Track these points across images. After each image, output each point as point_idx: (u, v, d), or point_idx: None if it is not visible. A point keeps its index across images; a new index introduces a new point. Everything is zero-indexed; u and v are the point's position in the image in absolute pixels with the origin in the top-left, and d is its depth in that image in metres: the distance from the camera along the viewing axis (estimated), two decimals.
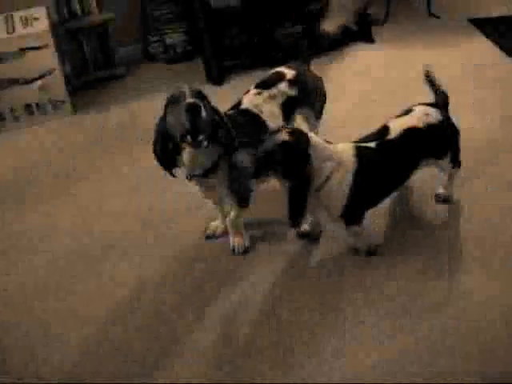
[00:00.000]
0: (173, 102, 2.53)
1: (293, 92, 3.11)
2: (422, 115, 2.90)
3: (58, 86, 4.48)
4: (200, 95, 2.55)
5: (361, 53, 5.23)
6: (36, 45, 4.30)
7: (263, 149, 2.56)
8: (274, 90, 3.06)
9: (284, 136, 2.53)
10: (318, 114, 3.41)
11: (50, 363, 2.55)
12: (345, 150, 2.71)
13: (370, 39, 5.39)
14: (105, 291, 2.90)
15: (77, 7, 4.72)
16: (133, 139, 4.16)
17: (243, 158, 2.79)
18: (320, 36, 3.43)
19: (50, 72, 4.40)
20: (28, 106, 4.45)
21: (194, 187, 2.90)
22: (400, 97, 4.38)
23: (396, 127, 2.83)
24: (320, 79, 3.42)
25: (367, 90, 4.53)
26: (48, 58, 4.37)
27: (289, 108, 3.12)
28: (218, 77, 4.85)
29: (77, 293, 2.91)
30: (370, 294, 2.73)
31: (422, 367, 2.35)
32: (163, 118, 2.61)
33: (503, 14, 5.72)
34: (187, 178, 2.75)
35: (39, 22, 4.39)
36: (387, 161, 2.77)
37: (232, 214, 2.99)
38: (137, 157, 3.88)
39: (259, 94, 3.05)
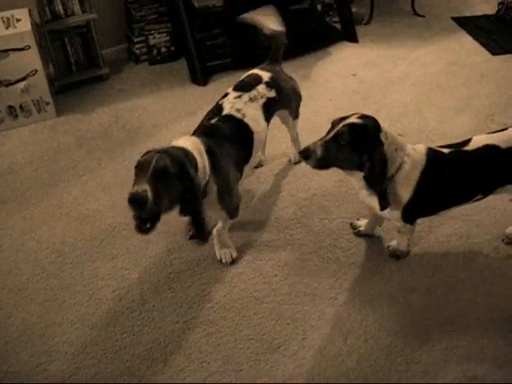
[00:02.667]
0: (139, 169, 2.38)
1: (271, 94, 3.11)
2: (509, 137, 2.66)
3: (41, 87, 4.45)
4: (163, 172, 2.33)
5: (345, 52, 5.26)
6: (19, 46, 4.27)
7: (332, 133, 2.50)
8: (253, 93, 3.05)
9: (353, 119, 2.49)
10: (295, 114, 3.45)
11: (33, 368, 2.54)
12: (418, 148, 2.65)
13: (353, 38, 5.41)
14: (88, 292, 2.89)
15: (59, 8, 4.69)
16: (117, 140, 4.15)
17: (231, 170, 2.79)
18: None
19: (33, 73, 4.38)
20: (11, 108, 4.41)
21: None
22: (383, 96, 4.41)
23: (477, 141, 2.67)
24: (293, 80, 3.43)
25: (350, 90, 4.54)
26: (31, 59, 4.33)
27: (268, 110, 3.11)
28: (201, 77, 4.84)
29: (59, 295, 2.90)
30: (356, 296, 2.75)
31: None
32: None
33: (486, 12, 5.77)
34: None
35: (22, 23, 4.35)
36: (455, 169, 2.66)
37: (219, 225, 2.97)
38: (121, 157, 3.88)
39: (239, 97, 3.02)
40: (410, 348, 2.48)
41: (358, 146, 2.47)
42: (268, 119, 3.14)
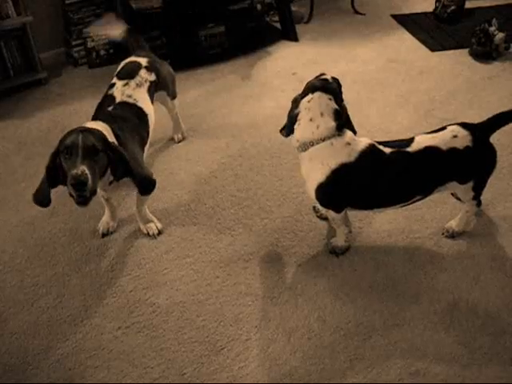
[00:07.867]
0: (65, 150, 2.57)
1: (152, 77, 3.31)
2: (449, 137, 2.67)
3: None
4: (92, 148, 2.55)
5: (285, 51, 5.27)
6: None
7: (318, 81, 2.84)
8: (138, 79, 3.22)
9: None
10: (173, 94, 3.68)
11: None
12: (358, 141, 2.67)
13: (294, 37, 5.43)
14: (29, 301, 2.85)
15: None
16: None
17: (135, 149, 2.92)
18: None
19: None
20: None
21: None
22: None
23: (420, 142, 2.67)
24: (166, 63, 3.64)
25: (291, 89, 4.53)
26: None
27: (151, 93, 3.30)
28: None
29: None
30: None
31: None
32: (56, 154, 2.67)
33: (425, 10, 5.84)
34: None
35: None
36: (393, 170, 2.66)
37: (137, 202, 3.10)
38: None
39: (127, 84, 3.16)
40: (354, 345, 2.50)
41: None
42: (152, 101, 3.30)
